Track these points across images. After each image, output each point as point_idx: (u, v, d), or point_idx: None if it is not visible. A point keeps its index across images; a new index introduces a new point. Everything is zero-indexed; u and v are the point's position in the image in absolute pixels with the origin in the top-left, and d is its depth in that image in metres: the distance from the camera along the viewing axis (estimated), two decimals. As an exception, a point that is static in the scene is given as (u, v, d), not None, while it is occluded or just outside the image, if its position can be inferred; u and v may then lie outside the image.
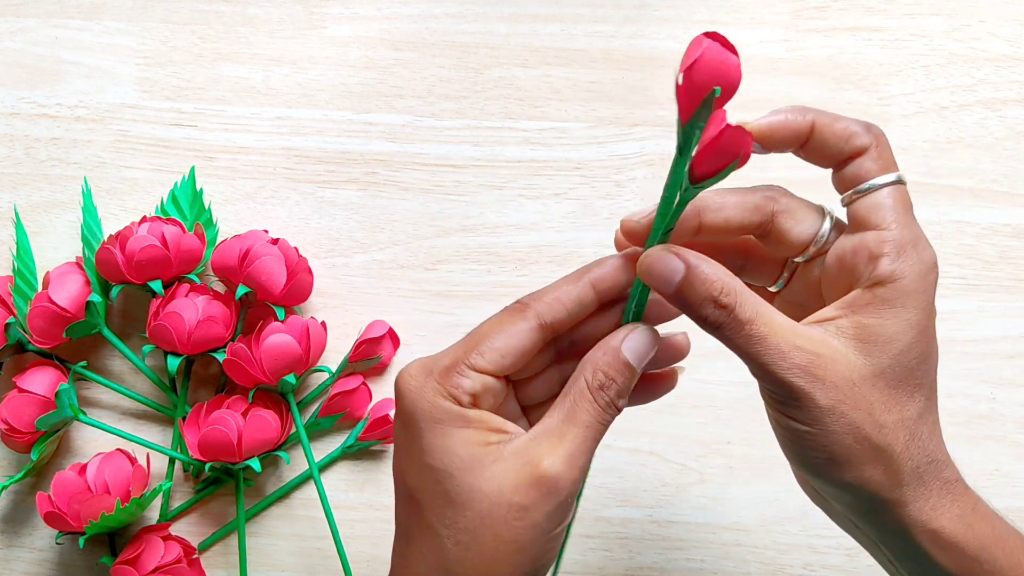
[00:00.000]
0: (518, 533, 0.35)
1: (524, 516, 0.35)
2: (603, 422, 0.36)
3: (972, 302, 0.59)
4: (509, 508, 0.35)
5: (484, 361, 0.36)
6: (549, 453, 0.35)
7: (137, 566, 0.53)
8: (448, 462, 0.35)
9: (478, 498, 0.35)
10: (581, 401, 0.36)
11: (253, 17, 0.62)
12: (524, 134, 0.61)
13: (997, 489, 0.58)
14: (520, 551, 0.35)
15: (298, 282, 0.56)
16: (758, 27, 0.62)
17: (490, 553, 0.35)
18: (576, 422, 0.36)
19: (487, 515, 0.35)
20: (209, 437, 0.54)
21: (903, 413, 0.36)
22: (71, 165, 0.61)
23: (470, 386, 0.36)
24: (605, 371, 0.37)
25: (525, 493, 0.35)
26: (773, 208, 0.40)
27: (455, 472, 0.35)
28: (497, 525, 0.35)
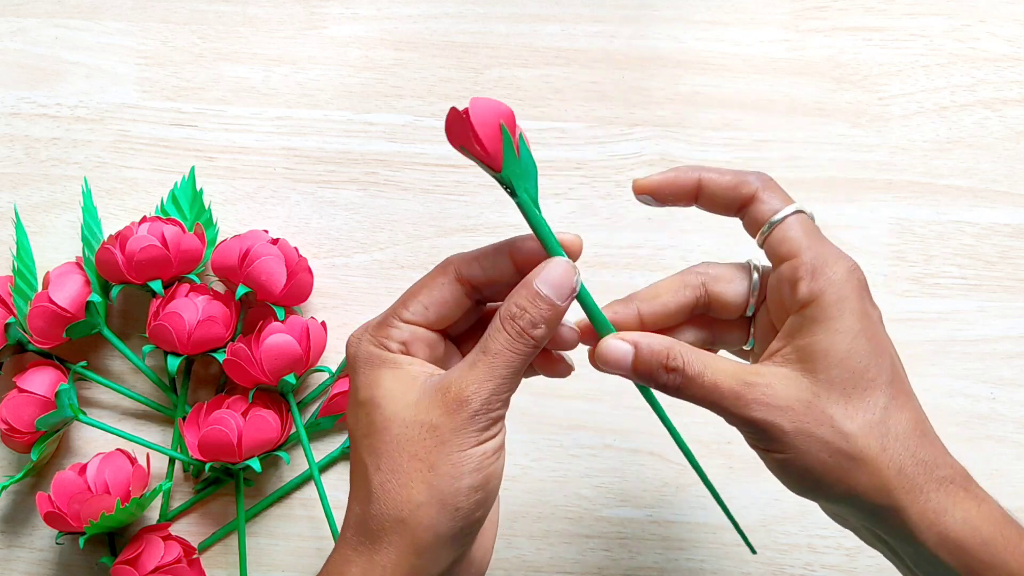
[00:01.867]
0: (428, 451, 0.38)
1: (434, 433, 0.38)
2: (514, 350, 0.38)
3: (972, 302, 0.59)
4: (420, 427, 0.38)
5: (409, 312, 0.40)
6: (458, 377, 0.38)
7: (137, 566, 0.53)
8: (374, 393, 0.39)
9: (395, 422, 0.38)
10: (493, 331, 0.39)
11: (253, 17, 0.62)
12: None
13: (997, 489, 0.58)
14: (432, 468, 0.37)
15: (298, 282, 0.57)
16: (758, 27, 0.62)
17: (405, 473, 0.38)
18: (487, 350, 0.39)
19: (402, 436, 0.38)
20: (209, 437, 0.54)
21: (866, 416, 0.38)
22: (71, 165, 0.61)
23: (399, 335, 0.40)
24: (517, 302, 0.39)
25: (432, 412, 0.38)
26: (702, 280, 0.43)
27: (380, 401, 0.39)
28: (411, 444, 0.38)
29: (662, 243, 0.60)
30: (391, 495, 0.38)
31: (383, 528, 0.38)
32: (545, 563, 0.58)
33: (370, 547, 0.38)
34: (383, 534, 0.38)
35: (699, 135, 0.61)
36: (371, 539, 0.38)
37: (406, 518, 0.37)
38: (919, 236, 0.60)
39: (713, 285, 0.42)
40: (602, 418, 0.59)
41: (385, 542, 0.38)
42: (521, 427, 0.59)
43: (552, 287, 0.39)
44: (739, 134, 0.61)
